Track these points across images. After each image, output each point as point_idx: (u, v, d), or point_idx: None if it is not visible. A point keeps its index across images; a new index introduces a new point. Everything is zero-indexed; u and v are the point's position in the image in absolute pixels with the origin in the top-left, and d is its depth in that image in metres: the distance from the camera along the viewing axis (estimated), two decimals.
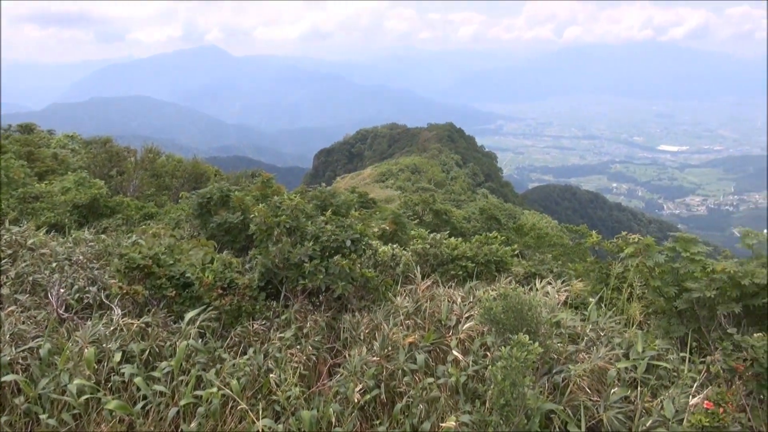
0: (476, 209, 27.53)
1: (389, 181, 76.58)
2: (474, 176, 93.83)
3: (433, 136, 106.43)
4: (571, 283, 6.15)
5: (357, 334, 5.44)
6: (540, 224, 34.63)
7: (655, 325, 5.83)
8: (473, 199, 69.09)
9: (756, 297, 5.07)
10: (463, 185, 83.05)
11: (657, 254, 5.71)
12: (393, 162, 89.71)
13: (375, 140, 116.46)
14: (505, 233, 18.39)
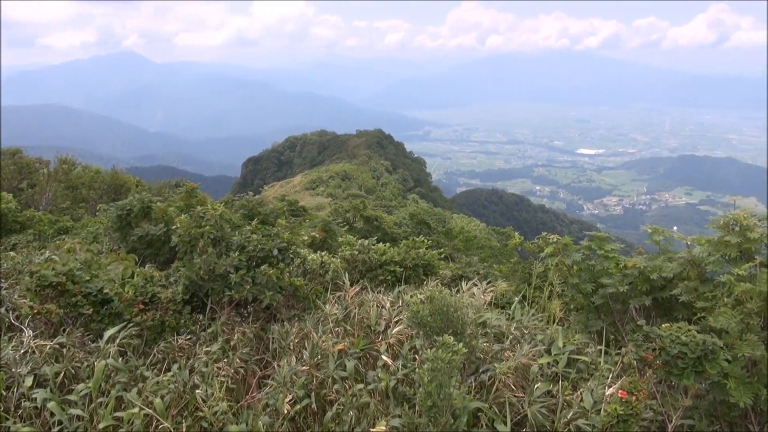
0: (407, 214, 27.90)
1: (320, 188, 76.14)
2: (404, 182, 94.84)
3: (363, 142, 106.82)
4: (496, 284, 6.35)
5: (286, 343, 5.37)
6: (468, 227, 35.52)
7: (574, 321, 6.10)
8: (404, 204, 69.78)
9: (663, 290, 5.41)
10: (394, 191, 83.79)
11: (574, 253, 5.98)
12: (323, 169, 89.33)
13: (304, 147, 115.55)
14: (435, 237, 18.73)
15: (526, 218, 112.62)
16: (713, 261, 4.73)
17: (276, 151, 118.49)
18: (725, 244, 4.61)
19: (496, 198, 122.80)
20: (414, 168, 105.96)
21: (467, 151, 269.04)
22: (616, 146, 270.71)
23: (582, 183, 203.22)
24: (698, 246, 5.07)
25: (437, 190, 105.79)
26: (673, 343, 3.64)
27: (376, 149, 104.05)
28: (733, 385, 3.67)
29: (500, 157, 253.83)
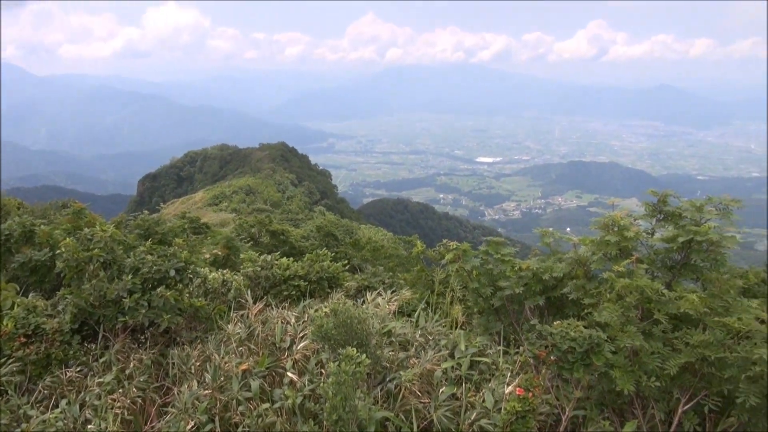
0: (314, 227, 27.70)
1: (223, 203, 73.94)
2: (310, 194, 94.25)
3: (266, 156, 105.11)
4: (401, 292, 6.44)
5: (187, 368, 5.16)
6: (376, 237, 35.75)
7: (476, 324, 6.31)
8: (311, 217, 69.30)
9: (555, 289, 5.72)
10: (300, 204, 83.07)
11: (473, 258, 6.19)
12: (226, 184, 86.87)
13: (205, 162, 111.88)
14: (342, 249, 18.74)
15: (432, 226, 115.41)
16: (596, 259, 5.07)
17: (175, 166, 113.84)
18: (606, 243, 4.96)
19: (402, 207, 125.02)
20: (320, 180, 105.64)
21: (372, 162, 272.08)
22: (512, 154, 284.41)
23: (482, 190, 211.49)
24: (583, 246, 5.42)
25: (344, 202, 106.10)
26: (563, 339, 3.85)
27: (280, 162, 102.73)
28: (618, 375, 3.94)
29: (404, 167, 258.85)
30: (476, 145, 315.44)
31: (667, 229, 5.08)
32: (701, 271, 4.81)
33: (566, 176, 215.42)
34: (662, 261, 5.04)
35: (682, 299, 4.21)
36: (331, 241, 22.12)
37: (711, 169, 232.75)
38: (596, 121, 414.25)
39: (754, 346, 3.77)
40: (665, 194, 5.21)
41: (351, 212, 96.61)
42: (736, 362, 3.81)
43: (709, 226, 4.57)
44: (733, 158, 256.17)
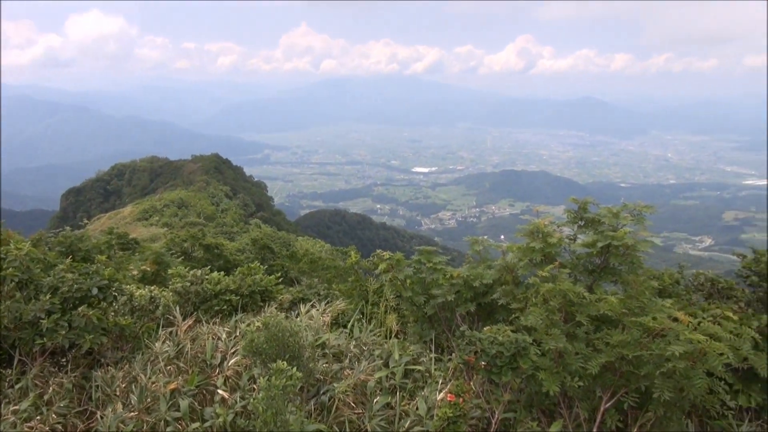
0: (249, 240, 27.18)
1: (154, 218, 71.29)
2: (245, 207, 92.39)
3: (199, 168, 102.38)
4: (335, 304, 6.43)
5: (112, 390, 4.94)
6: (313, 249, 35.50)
7: (410, 332, 6.37)
8: (246, 230, 67.89)
9: (486, 295, 5.87)
10: (235, 217, 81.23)
11: (406, 268, 6.27)
12: (156, 198, 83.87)
13: (134, 175, 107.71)
14: (279, 261, 18.49)
15: (369, 236, 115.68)
16: (523, 265, 5.25)
17: (101, 180, 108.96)
18: (531, 250, 5.15)
19: (339, 218, 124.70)
20: (255, 192, 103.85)
21: (308, 173, 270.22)
22: (446, 164, 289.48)
23: (419, 200, 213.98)
24: (511, 253, 5.60)
25: (280, 214, 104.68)
26: (491, 345, 3.96)
27: (214, 174, 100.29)
28: (544, 376, 4.08)
29: (341, 177, 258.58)
30: (412, 155, 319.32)
31: (587, 234, 5.33)
32: (619, 274, 5.07)
33: (499, 185, 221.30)
34: (584, 265, 5.28)
35: (601, 301, 4.41)
36: (267, 254, 21.79)
37: (633, 177, 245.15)
38: (526, 132, 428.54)
39: (667, 344, 4.00)
40: (585, 202, 5.46)
41: (288, 224, 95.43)
42: (651, 359, 4.03)
43: (625, 231, 4.83)
44: (652, 166, 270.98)
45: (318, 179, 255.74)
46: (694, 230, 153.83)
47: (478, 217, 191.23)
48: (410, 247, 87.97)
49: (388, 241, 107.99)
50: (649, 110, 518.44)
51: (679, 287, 6.95)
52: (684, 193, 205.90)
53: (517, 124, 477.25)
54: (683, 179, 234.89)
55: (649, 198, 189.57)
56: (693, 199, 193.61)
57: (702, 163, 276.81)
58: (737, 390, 5.17)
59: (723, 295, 6.65)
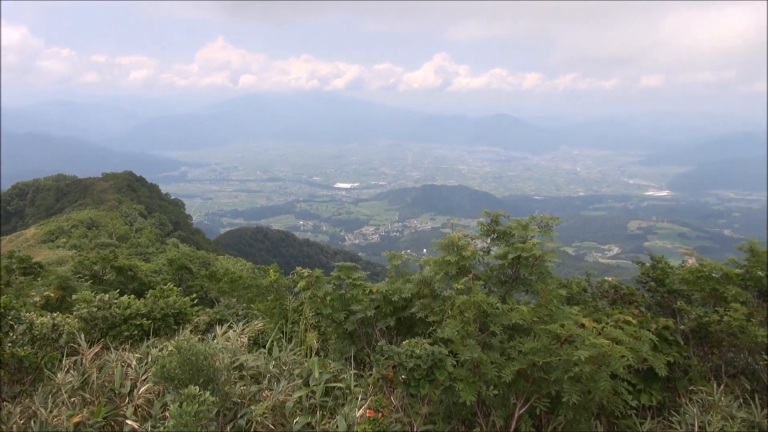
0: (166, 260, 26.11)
1: (60, 239, 66.97)
2: (162, 226, 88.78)
3: (111, 186, 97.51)
4: (253, 323, 6.29)
5: (8, 427, 4.57)
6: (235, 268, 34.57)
7: (331, 350, 6.34)
8: (163, 250, 65.21)
9: (405, 309, 5.94)
10: (151, 236, 77.79)
11: (325, 284, 6.25)
12: (64, 218, 78.92)
13: (38, 195, 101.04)
14: (198, 281, 17.88)
15: (293, 253, 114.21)
16: (439, 279, 5.36)
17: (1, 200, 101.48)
18: (447, 263, 5.27)
19: (261, 236, 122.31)
20: (172, 211, 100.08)
21: (228, 190, 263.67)
22: (368, 179, 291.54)
23: (342, 215, 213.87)
24: (428, 267, 5.71)
25: (199, 232, 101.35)
26: (408, 358, 4.01)
27: (127, 193, 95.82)
28: (461, 387, 4.17)
29: (262, 194, 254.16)
30: (334, 171, 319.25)
31: (500, 246, 5.53)
32: (530, 284, 5.29)
33: (420, 199, 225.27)
34: (497, 276, 5.46)
35: (513, 311, 4.58)
36: (185, 275, 21.04)
37: (545, 190, 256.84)
38: (445, 147, 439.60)
39: (574, 349, 4.19)
40: (497, 215, 5.67)
41: (207, 243, 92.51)
42: (560, 365, 4.21)
43: (533, 243, 5.05)
44: (563, 180, 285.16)
45: (238, 196, 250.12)
46: (603, 239, 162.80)
47: (401, 231, 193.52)
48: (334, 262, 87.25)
49: (311, 257, 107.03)
50: (558, 126, 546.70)
51: (586, 294, 7.32)
52: (592, 204, 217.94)
53: (436, 140, 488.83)
54: (591, 191, 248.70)
55: (560, 209, 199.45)
56: (601, 210, 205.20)
57: (608, 177, 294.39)
58: (640, 390, 5.50)
59: (625, 301, 7.06)
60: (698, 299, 6.56)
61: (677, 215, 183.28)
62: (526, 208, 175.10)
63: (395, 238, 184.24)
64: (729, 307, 5.73)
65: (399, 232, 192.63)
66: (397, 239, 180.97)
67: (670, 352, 5.55)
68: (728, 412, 4.91)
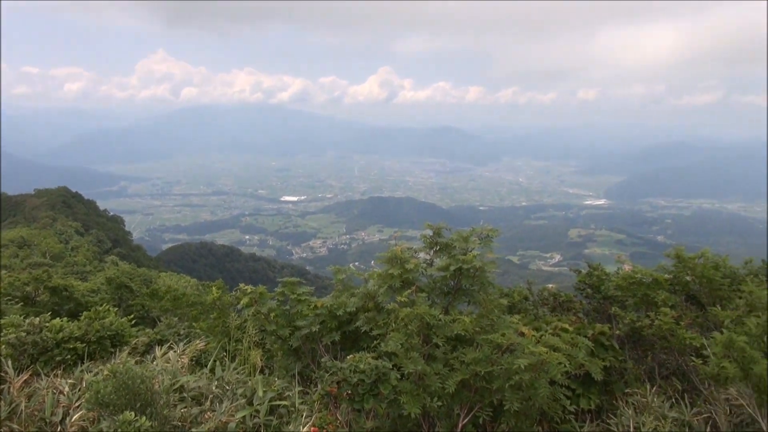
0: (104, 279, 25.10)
1: None
2: (100, 243, 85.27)
3: (44, 203, 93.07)
4: (194, 343, 6.13)
5: None
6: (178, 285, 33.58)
7: (276, 367, 6.25)
8: (101, 268, 62.65)
9: (350, 324, 5.93)
10: (88, 255, 74.58)
11: (269, 301, 6.17)
12: None
13: None
14: (139, 300, 17.27)
15: (239, 268, 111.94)
16: (383, 292, 5.39)
17: None
18: (390, 276, 5.31)
19: (206, 251, 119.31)
20: (111, 227, 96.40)
21: (170, 205, 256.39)
22: (315, 192, 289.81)
23: (289, 229, 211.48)
24: (372, 280, 5.73)
25: (140, 249, 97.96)
26: (352, 373, 4.00)
27: (61, 210, 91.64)
28: (405, 400, 4.20)
29: (206, 209, 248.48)
30: (280, 184, 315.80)
31: (442, 258, 5.62)
32: (472, 294, 5.39)
33: (368, 211, 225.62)
34: (440, 288, 5.54)
35: (456, 322, 4.65)
36: (125, 294, 20.28)
37: (489, 200, 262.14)
38: (391, 159, 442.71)
39: (514, 358, 4.30)
40: (439, 228, 5.76)
41: (149, 260, 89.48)
42: (501, 374, 4.30)
43: (474, 255, 5.15)
44: (506, 190, 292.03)
45: (181, 211, 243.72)
46: (546, 247, 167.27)
47: (349, 243, 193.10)
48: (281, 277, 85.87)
49: (258, 272, 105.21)
50: (501, 138, 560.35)
51: (527, 303, 7.51)
52: (535, 213, 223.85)
53: (382, 152, 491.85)
54: (533, 201, 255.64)
55: (504, 219, 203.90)
56: (543, 219, 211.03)
57: (548, 186, 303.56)
58: (579, 394, 5.67)
59: (564, 308, 7.29)
60: (632, 304, 6.84)
61: (614, 223, 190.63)
62: (471, 218, 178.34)
63: (343, 250, 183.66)
64: (659, 312, 6.00)
65: (347, 245, 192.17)
66: (345, 252, 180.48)
67: (607, 357, 5.76)
68: (661, 413, 5.12)
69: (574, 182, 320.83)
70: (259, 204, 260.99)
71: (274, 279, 76.74)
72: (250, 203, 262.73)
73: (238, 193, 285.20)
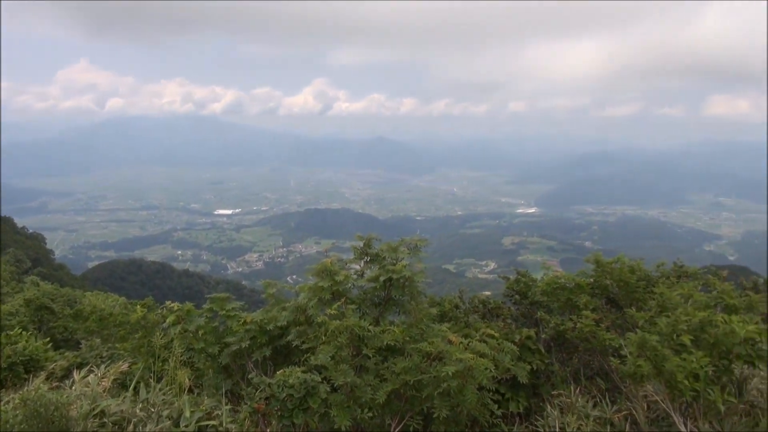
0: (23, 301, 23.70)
1: None
2: (18, 263, 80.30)
3: None
4: (117, 365, 5.88)
5: None
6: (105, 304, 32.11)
7: (206, 386, 6.08)
8: (20, 289, 59.05)
9: (281, 338, 5.86)
10: (5, 275, 70.18)
11: (197, 318, 6.02)
12: None
13: None
14: (61, 322, 16.40)
15: (171, 285, 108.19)
16: (313, 305, 5.36)
17: None
18: (320, 289, 5.29)
19: (135, 268, 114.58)
20: (30, 246, 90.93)
21: (96, 221, 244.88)
22: (250, 205, 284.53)
23: (223, 243, 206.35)
24: (302, 293, 5.69)
25: (63, 268, 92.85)
26: (280, 388, 3.95)
27: None
28: (336, 412, 4.18)
29: (135, 224, 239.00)
30: (213, 197, 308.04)
31: (373, 269, 5.65)
32: (402, 304, 5.45)
33: (304, 224, 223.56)
34: (371, 299, 5.57)
35: (386, 332, 4.69)
36: (45, 316, 19.22)
37: (426, 210, 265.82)
38: (327, 171, 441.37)
39: (443, 365, 4.37)
40: (369, 239, 5.80)
41: (73, 279, 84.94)
42: (430, 382, 4.36)
43: (403, 265, 5.22)
44: (442, 200, 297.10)
45: (108, 227, 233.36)
46: (481, 255, 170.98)
47: (286, 256, 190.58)
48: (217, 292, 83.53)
49: (192, 288, 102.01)
50: (435, 149, 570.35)
51: (458, 311, 7.66)
52: (470, 222, 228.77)
53: (318, 163, 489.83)
54: (468, 210, 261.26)
55: (440, 228, 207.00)
56: (478, 228, 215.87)
57: (482, 196, 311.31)
58: (508, 398, 5.83)
59: (494, 314, 7.49)
60: (557, 309, 7.11)
61: (545, 230, 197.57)
62: (408, 228, 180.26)
63: (280, 263, 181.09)
64: (581, 315, 6.26)
65: (284, 258, 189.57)
66: (282, 265, 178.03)
67: (533, 361, 5.95)
68: (584, 412, 5.33)
69: (506, 191, 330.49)
70: (192, 218, 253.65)
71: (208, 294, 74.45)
72: (182, 217, 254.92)
73: (170, 207, 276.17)
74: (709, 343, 4.40)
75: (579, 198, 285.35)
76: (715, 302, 5.48)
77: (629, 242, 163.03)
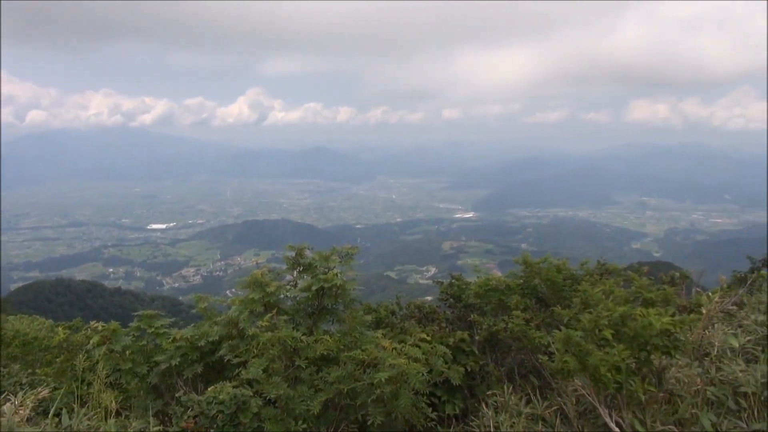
0: None
1: None
2: None
3: None
4: (37, 391, 5.56)
5: None
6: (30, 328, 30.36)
7: (134, 407, 5.85)
8: None
9: (213, 354, 5.72)
10: None
11: (123, 337, 5.78)
12: None
13: None
14: None
15: (102, 305, 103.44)
16: (244, 317, 5.27)
17: None
18: (251, 301, 5.21)
19: (63, 288, 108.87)
20: None
21: (19, 240, 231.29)
22: (185, 218, 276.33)
23: (158, 258, 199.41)
24: (234, 306, 5.58)
25: None
26: (209, 405, 3.86)
27: None
28: (269, 426, 4.12)
29: (61, 242, 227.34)
30: (146, 211, 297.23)
31: (305, 279, 5.61)
32: (336, 313, 5.44)
33: (243, 236, 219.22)
34: (304, 309, 5.53)
35: (318, 342, 4.66)
36: None
37: (366, 218, 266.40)
38: (265, 181, 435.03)
39: (376, 372, 4.38)
40: (301, 248, 5.76)
41: None
42: (364, 389, 4.37)
43: (335, 273, 5.21)
44: (381, 207, 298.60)
45: (32, 246, 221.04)
46: (421, 261, 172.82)
47: (224, 270, 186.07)
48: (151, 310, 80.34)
49: (125, 307, 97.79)
50: (373, 157, 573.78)
51: (394, 317, 7.71)
52: (409, 229, 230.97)
53: (255, 174, 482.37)
54: (407, 217, 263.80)
55: (381, 236, 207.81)
56: (417, 234, 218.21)
57: (421, 202, 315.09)
58: (445, 401, 5.91)
59: (429, 319, 7.58)
60: (489, 310, 7.27)
61: (483, 234, 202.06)
62: (348, 236, 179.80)
63: (219, 277, 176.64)
64: (512, 315, 6.44)
65: (222, 271, 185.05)
66: (221, 278, 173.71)
67: (468, 362, 6.06)
68: (517, 410, 5.47)
69: (444, 197, 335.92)
70: (123, 234, 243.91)
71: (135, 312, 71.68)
72: (112, 233, 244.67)
73: (99, 223, 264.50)
74: (629, 336, 4.61)
75: (514, 202, 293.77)
76: (634, 297, 5.76)
77: (562, 243, 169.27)
